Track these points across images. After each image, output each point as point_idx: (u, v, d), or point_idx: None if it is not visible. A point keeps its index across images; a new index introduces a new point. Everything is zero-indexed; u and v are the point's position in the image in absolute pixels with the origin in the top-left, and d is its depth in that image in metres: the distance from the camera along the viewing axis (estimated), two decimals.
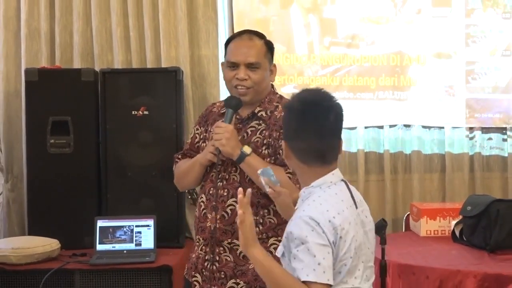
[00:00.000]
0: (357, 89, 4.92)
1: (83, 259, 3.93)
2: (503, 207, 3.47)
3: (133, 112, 4.24)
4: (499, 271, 3.03)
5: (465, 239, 3.67)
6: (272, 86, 2.89)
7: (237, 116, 2.79)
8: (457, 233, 3.75)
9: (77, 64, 4.65)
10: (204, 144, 2.85)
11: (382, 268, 3.00)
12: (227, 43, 2.88)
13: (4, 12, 4.65)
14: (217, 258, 2.74)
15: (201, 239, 2.79)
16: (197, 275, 2.80)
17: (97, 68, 4.55)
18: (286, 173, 2.67)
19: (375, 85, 4.93)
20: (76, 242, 4.12)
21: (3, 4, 4.65)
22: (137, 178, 4.23)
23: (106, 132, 4.26)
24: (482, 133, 4.97)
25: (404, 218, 4.54)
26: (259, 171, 2.37)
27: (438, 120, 4.94)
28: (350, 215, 2.13)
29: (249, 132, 2.77)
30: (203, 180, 2.83)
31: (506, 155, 4.95)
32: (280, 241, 2.72)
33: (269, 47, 2.86)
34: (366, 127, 4.90)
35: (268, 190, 2.36)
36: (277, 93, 2.89)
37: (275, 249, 2.71)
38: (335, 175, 2.18)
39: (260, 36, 2.87)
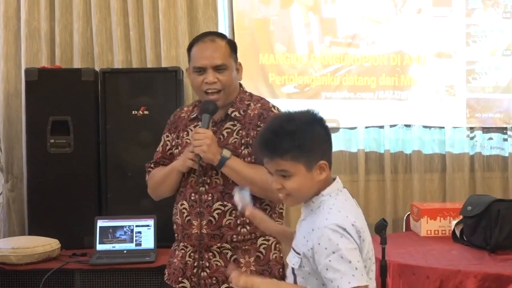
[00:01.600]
0: (357, 89, 4.92)
1: (83, 259, 3.93)
2: (504, 207, 3.47)
3: (133, 112, 4.25)
4: (499, 271, 3.02)
5: (465, 239, 3.67)
6: (241, 85, 2.85)
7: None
8: (458, 233, 3.75)
9: (77, 64, 4.65)
10: (177, 150, 2.81)
11: (382, 268, 3.00)
12: (189, 48, 2.82)
13: (4, 11, 4.66)
14: (207, 264, 2.70)
15: (188, 245, 2.75)
16: (185, 281, 2.75)
17: (97, 68, 4.55)
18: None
19: (376, 85, 4.93)
20: (76, 242, 4.13)
21: (3, 4, 4.66)
22: (137, 178, 4.20)
23: (106, 132, 4.26)
24: (483, 133, 4.97)
25: (405, 218, 4.53)
26: (235, 190, 2.35)
27: (439, 120, 4.94)
28: (363, 219, 2.16)
29: (225, 134, 2.72)
30: (181, 187, 2.77)
31: (506, 155, 4.95)
32: (268, 240, 2.73)
33: (233, 47, 2.82)
34: (366, 127, 4.90)
35: (239, 208, 2.35)
36: (246, 92, 2.85)
37: (265, 249, 2.73)
38: (339, 182, 2.19)
39: (222, 36, 2.84)
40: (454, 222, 3.81)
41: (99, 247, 3.99)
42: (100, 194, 4.26)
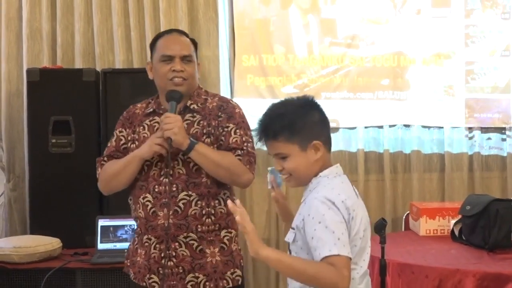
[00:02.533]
0: (357, 89, 4.92)
1: (84, 258, 3.93)
2: (502, 206, 3.48)
3: None
4: (498, 270, 3.03)
5: (464, 238, 3.67)
6: (198, 84, 2.96)
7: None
8: (456, 232, 3.76)
9: (78, 64, 4.65)
10: (134, 145, 2.84)
11: (382, 267, 3.00)
12: (154, 42, 2.93)
13: (6, 12, 4.66)
14: (174, 254, 2.74)
15: (152, 237, 2.78)
16: (153, 276, 2.79)
17: (98, 68, 4.56)
18: (236, 155, 2.74)
19: (375, 85, 4.93)
20: (78, 241, 4.12)
21: (5, 5, 4.66)
22: None
23: (107, 132, 4.25)
24: (481, 133, 4.97)
25: (404, 217, 4.54)
26: (269, 168, 2.39)
27: (438, 120, 4.95)
28: (356, 201, 2.21)
29: (186, 125, 2.78)
30: (141, 181, 2.80)
31: (505, 154, 4.96)
32: (230, 232, 2.81)
33: (195, 45, 2.95)
34: (366, 127, 4.91)
35: (269, 187, 2.42)
36: (202, 88, 2.95)
37: (228, 241, 2.81)
38: (339, 168, 2.27)
39: (186, 34, 2.98)
40: (453, 222, 3.82)
41: (100, 246, 3.99)
42: (101, 194, 4.23)
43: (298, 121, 2.18)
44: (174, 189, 2.74)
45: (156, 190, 2.76)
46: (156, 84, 2.91)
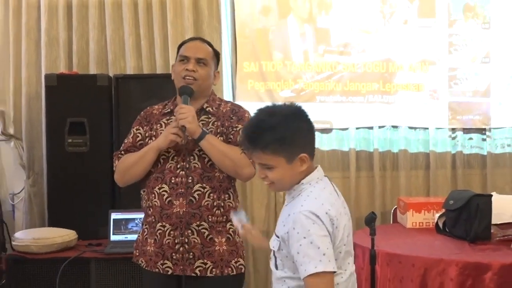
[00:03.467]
0: (349, 93, 4.92)
1: (98, 249, 3.94)
2: (482, 201, 3.48)
3: None
4: (478, 260, 3.04)
5: (447, 230, 3.68)
6: (213, 91, 2.99)
7: None
8: (441, 225, 3.76)
9: (92, 70, 4.65)
10: (151, 140, 2.87)
11: (371, 257, 3.01)
12: (179, 47, 2.97)
13: (26, 22, 4.66)
14: (186, 240, 2.76)
15: (167, 225, 2.78)
16: (167, 261, 2.80)
17: (111, 74, 4.56)
18: (241, 150, 2.72)
19: (366, 89, 4.94)
20: (92, 233, 4.13)
21: (25, 15, 4.66)
22: None
23: (119, 132, 4.26)
24: (463, 133, 4.98)
25: (392, 211, 4.55)
26: (232, 213, 2.46)
27: (423, 122, 4.95)
28: (340, 206, 2.14)
29: (201, 125, 2.82)
30: (157, 172, 2.82)
31: (485, 153, 4.96)
32: (233, 228, 2.80)
33: (216, 55, 2.99)
34: (357, 128, 4.91)
35: (240, 230, 2.47)
36: (216, 95, 3.01)
37: (233, 232, 2.82)
38: (320, 171, 2.19)
39: (210, 44, 3.00)
40: (437, 215, 3.82)
41: (113, 237, 4.01)
42: (114, 189, 4.25)
43: (288, 135, 2.06)
44: (190, 181, 2.77)
45: (173, 181, 2.78)
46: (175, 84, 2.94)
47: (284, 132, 2.07)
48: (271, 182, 2.14)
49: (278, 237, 2.14)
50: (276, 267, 2.17)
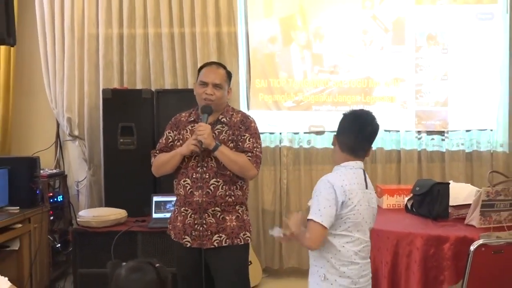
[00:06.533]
0: (337, 104, 4.90)
1: (143, 224, 3.95)
2: (442, 188, 3.44)
3: None
4: (438, 233, 3.01)
5: (414, 210, 3.65)
6: (227, 103, 2.95)
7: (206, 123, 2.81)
8: (409, 206, 3.73)
9: (139, 86, 4.67)
10: (179, 143, 2.86)
11: None
12: (200, 69, 2.92)
13: (87, 49, 4.69)
14: (204, 222, 2.77)
15: (189, 209, 2.80)
16: (186, 236, 2.81)
17: (153, 89, 4.57)
18: (247, 156, 2.77)
19: (351, 101, 4.91)
20: (138, 212, 4.14)
21: (87, 44, 4.69)
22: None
23: (159, 134, 4.24)
24: (427, 135, 4.94)
25: None
26: (271, 232, 2.32)
27: (395, 126, 4.92)
28: (358, 188, 2.23)
29: (217, 133, 2.81)
30: (183, 168, 2.82)
31: (444, 150, 4.93)
32: (242, 207, 2.85)
33: (229, 75, 2.92)
34: None
35: (282, 235, 2.29)
36: (230, 106, 2.95)
37: (241, 212, 2.83)
38: (358, 164, 2.30)
39: (224, 67, 2.93)
40: (406, 199, 3.79)
41: (155, 215, 4.01)
42: (155, 178, 4.23)
43: (341, 131, 2.32)
44: (207, 176, 2.76)
45: (194, 176, 2.78)
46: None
47: (341, 125, 2.35)
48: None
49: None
50: None
